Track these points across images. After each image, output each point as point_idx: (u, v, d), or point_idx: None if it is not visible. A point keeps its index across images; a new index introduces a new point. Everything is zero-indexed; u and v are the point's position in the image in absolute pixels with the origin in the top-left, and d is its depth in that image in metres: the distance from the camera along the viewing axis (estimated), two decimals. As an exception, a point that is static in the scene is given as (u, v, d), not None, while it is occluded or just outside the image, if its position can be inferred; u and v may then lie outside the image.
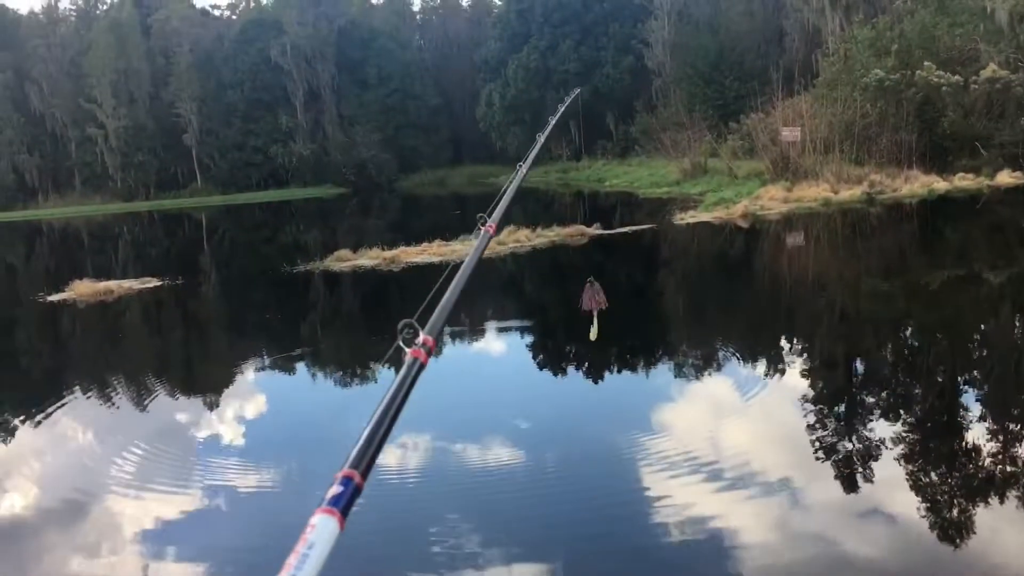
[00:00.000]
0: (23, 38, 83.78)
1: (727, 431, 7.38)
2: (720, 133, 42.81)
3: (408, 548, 5.60)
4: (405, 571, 5.29)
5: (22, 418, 9.80)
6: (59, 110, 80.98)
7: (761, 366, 9.60)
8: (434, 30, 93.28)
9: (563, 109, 6.71)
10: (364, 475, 1.20)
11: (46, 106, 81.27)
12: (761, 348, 10.53)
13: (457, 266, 2.13)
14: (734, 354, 10.33)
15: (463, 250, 20.12)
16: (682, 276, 17.64)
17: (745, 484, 5.99)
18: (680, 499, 5.82)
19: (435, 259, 19.66)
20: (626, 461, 6.75)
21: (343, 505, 1.12)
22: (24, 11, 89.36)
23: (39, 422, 9.49)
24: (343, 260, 20.48)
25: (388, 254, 20.24)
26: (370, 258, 20.33)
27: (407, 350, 1.58)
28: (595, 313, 5.31)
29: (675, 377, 9.43)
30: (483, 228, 2.55)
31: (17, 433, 9.21)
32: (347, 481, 1.16)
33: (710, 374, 9.42)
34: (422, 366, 1.55)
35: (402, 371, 1.49)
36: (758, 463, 6.38)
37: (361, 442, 1.27)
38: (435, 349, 1.61)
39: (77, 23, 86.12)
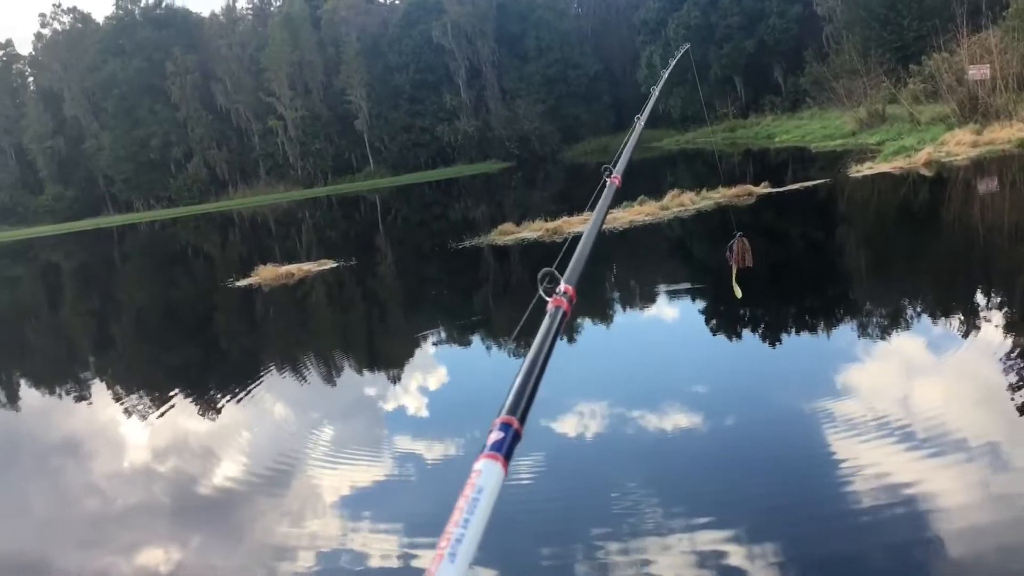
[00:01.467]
0: (207, 39, 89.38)
1: (919, 392, 6.94)
2: (899, 77, 40.13)
3: (589, 512, 5.62)
4: (588, 533, 5.30)
5: (227, 396, 10.52)
6: (242, 105, 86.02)
7: (955, 323, 8.93)
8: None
9: (673, 64, 6.47)
10: (522, 421, 1.20)
11: (231, 102, 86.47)
12: (955, 304, 9.81)
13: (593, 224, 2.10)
14: (924, 311, 9.70)
15: (625, 216, 19.96)
16: (861, 231, 16.72)
17: (941, 448, 5.61)
18: (869, 463, 5.52)
19: (599, 227, 19.56)
20: (810, 425, 6.47)
21: (505, 450, 1.12)
22: (206, 14, 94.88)
23: (240, 399, 10.17)
24: (507, 233, 20.73)
25: (550, 225, 20.31)
26: (532, 230, 20.47)
27: (549, 300, 1.56)
28: (733, 270, 5.05)
29: (859, 337, 8.94)
30: (608, 180, 2.48)
31: (223, 410, 9.89)
32: (506, 427, 1.17)
33: (898, 333, 8.87)
34: (565, 315, 1.53)
35: (545, 321, 1.48)
36: (955, 425, 5.96)
37: (515, 390, 1.26)
38: (576, 298, 1.58)
39: (254, 21, 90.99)
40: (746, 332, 10.28)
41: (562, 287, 1.60)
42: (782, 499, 5.41)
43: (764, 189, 21.63)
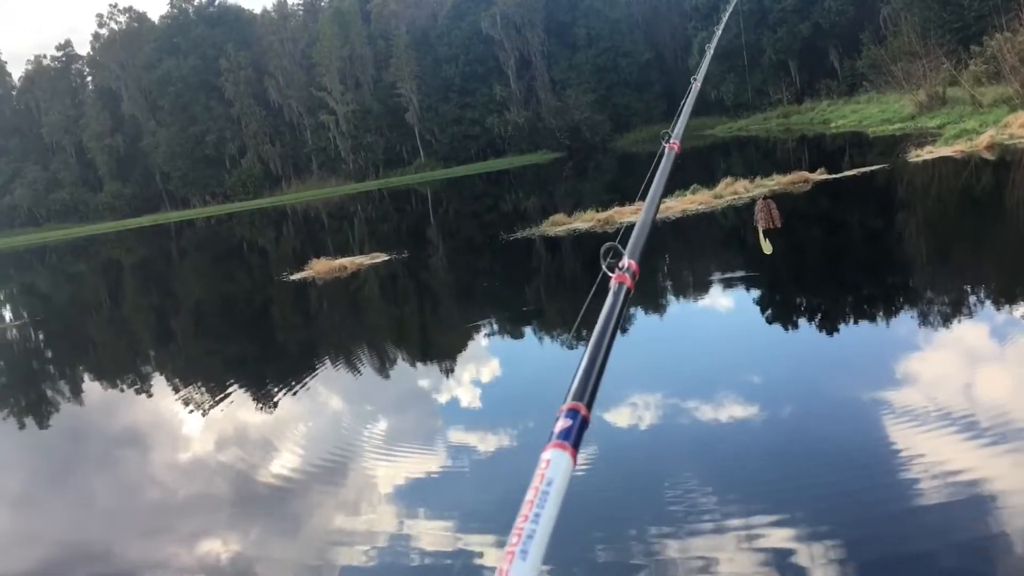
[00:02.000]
0: (259, 36, 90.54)
1: (983, 381, 6.75)
2: (959, 59, 39.08)
3: (644, 502, 5.58)
4: (640, 525, 5.25)
5: (283, 389, 10.65)
6: (294, 100, 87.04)
7: (1020, 311, 8.68)
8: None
9: (730, 9, 6.35)
10: (589, 406, 1.14)
11: (283, 97, 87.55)
12: (1019, 291, 9.52)
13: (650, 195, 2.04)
14: (988, 299, 9.42)
15: (677, 206, 19.74)
16: (922, 217, 16.32)
17: (1006, 438, 5.44)
18: (932, 455, 5.38)
19: (652, 217, 19.40)
20: (869, 415, 6.33)
21: (573, 438, 1.07)
22: (258, 10, 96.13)
23: (296, 392, 10.30)
24: (558, 224, 20.66)
25: (602, 215, 20.19)
26: (584, 220, 20.37)
27: (612, 276, 1.51)
28: (759, 230, 4.94)
29: (920, 326, 8.72)
30: (667, 145, 2.42)
31: (279, 402, 10.01)
32: (573, 413, 1.11)
33: (961, 321, 8.63)
34: (629, 291, 1.47)
35: (609, 298, 1.42)
36: (1020, 415, 5.79)
37: (580, 373, 1.20)
38: (639, 273, 1.54)
39: (305, 16, 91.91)
40: (803, 321, 10.11)
41: (625, 262, 1.54)
42: (841, 492, 5.30)
43: (820, 176, 21.23)
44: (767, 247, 4.87)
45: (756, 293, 12.01)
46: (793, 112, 58.10)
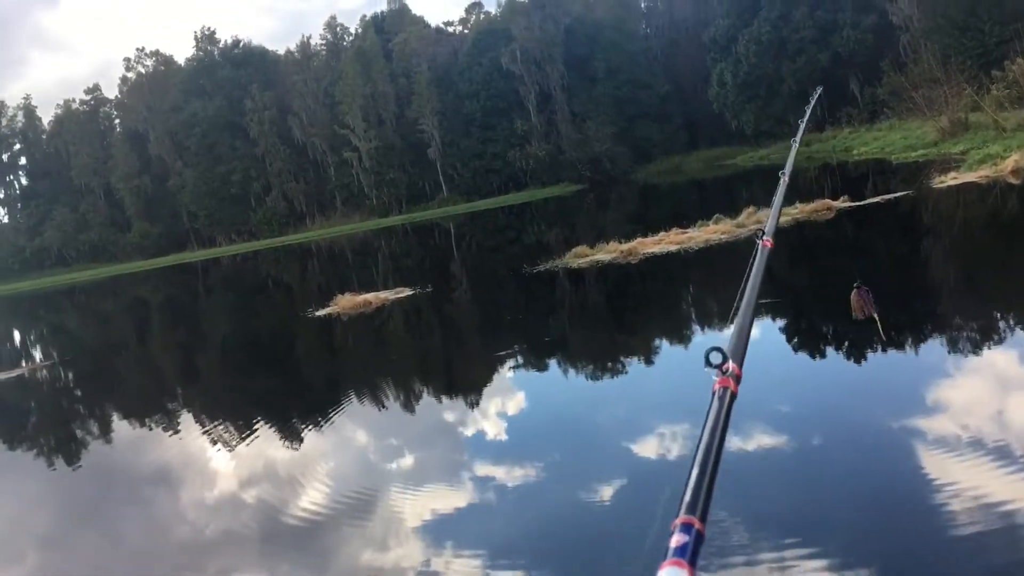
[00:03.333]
0: (283, 76, 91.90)
1: (1015, 407, 6.66)
2: (981, 84, 38.96)
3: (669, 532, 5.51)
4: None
5: (309, 424, 10.69)
6: (318, 138, 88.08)
7: (1051, 336, 8.57)
8: (659, 16, 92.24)
9: (809, 110, 6.38)
10: (703, 519, 1.11)
11: (307, 135, 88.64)
12: (1050, 316, 9.41)
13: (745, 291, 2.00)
14: (1018, 324, 9.32)
15: (701, 236, 19.76)
16: (948, 243, 16.19)
17: (1042, 467, 5.36)
18: (965, 483, 5.29)
19: (673, 248, 19.40)
20: (899, 444, 6.25)
21: (690, 555, 1.03)
22: (282, 51, 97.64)
23: (322, 427, 10.33)
24: (581, 256, 20.67)
25: (625, 247, 20.18)
26: (607, 252, 20.37)
27: (716, 380, 1.48)
28: (875, 316, 4.74)
29: (949, 353, 8.63)
30: (760, 243, 2.39)
31: (306, 438, 10.04)
32: (688, 528, 1.07)
33: (990, 348, 8.52)
34: (734, 396, 1.45)
35: (714, 404, 1.39)
36: (1056, 443, 5.69)
37: (692, 485, 1.17)
38: (741, 376, 1.51)
39: (327, 56, 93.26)
40: (830, 349, 10.03)
41: (729, 366, 1.51)
42: (874, 522, 5.22)
43: (844, 203, 21.14)
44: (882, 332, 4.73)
45: (781, 321, 11.94)
46: (814, 140, 58.01)
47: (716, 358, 1.52)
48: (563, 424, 8.92)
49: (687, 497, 1.14)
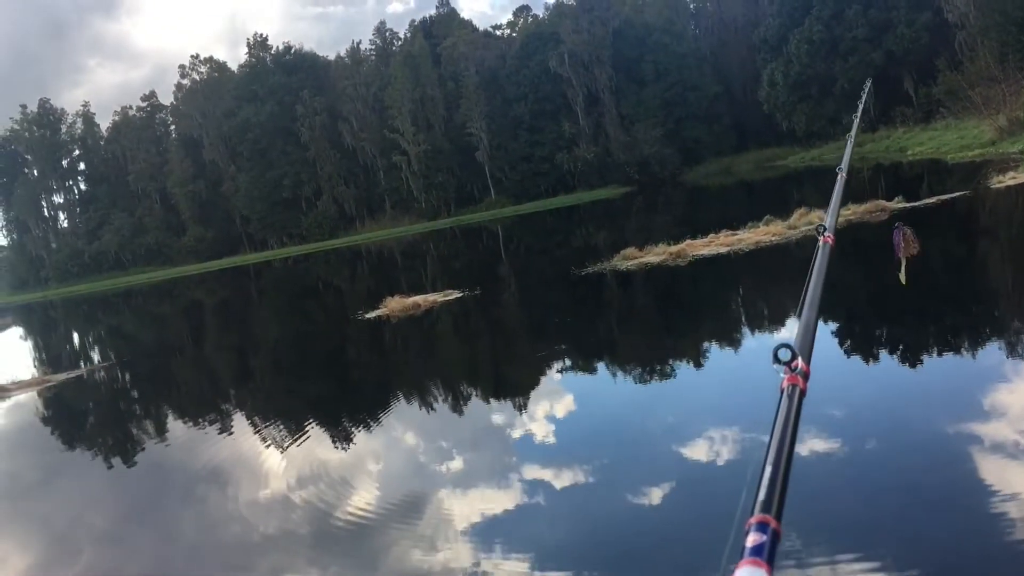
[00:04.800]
0: (333, 81, 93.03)
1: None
2: (1041, 82, 38.03)
3: (722, 539, 5.46)
4: (722, 562, 5.15)
5: (359, 426, 10.80)
6: (368, 142, 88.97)
7: (1116, 339, 8.31)
8: (708, 16, 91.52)
9: (861, 104, 6.26)
10: (778, 518, 1.11)
11: (357, 140, 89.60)
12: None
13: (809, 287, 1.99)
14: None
15: (751, 238, 19.55)
16: (1007, 245, 15.81)
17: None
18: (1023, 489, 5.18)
19: (723, 249, 19.24)
20: (956, 450, 6.12)
21: (767, 554, 1.04)
22: (332, 56, 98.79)
23: (372, 429, 10.43)
24: (630, 258, 20.58)
25: (674, 249, 20.05)
26: (656, 254, 20.26)
27: (784, 377, 1.47)
28: (902, 262, 4.72)
29: (1008, 357, 8.43)
30: (821, 239, 2.37)
31: (356, 439, 10.15)
32: (764, 527, 1.08)
33: (1051, 351, 8.32)
34: (803, 394, 1.44)
35: (784, 403, 1.38)
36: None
37: (766, 484, 1.18)
38: (810, 373, 1.49)
39: (377, 61, 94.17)
40: (883, 353, 9.85)
41: (799, 363, 1.50)
42: (929, 529, 5.12)
43: (898, 204, 20.77)
44: (903, 278, 4.70)
45: (833, 325, 11.76)
46: (867, 140, 57.06)
47: (785, 355, 1.50)
48: (613, 427, 8.89)
49: (762, 495, 1.13)
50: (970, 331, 9.90)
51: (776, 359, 1.51)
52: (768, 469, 1.17)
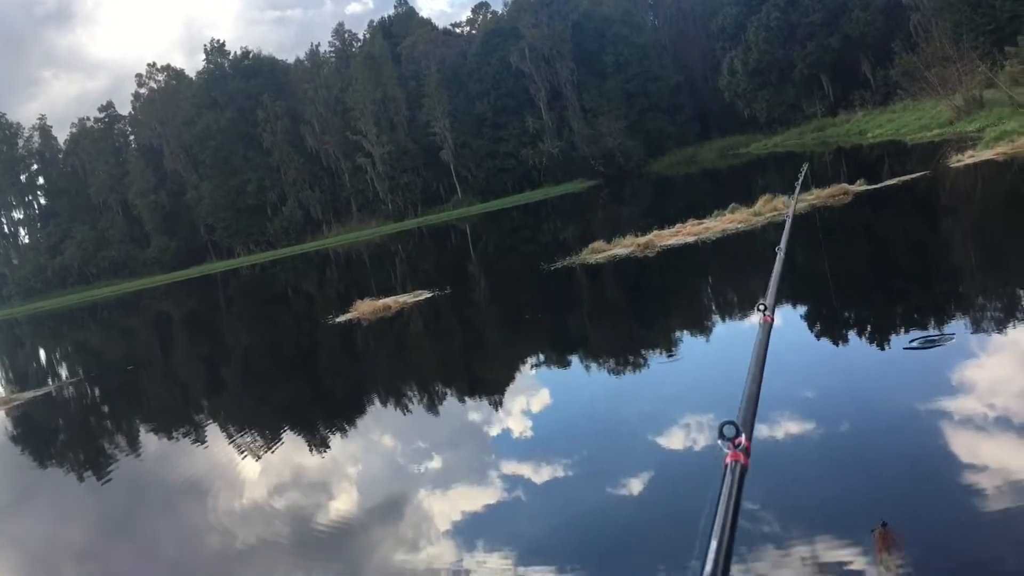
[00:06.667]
0: (293, 84, 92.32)
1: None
2: (994, 61, 38.62)
3: (698, 525, 5.50)
4: (699, 546, 5.18)
5: (334, 430, 10.75)
6: (331, 145, 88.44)
7: (1077, 311, 8.47)
8: (667, 7, 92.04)
9: (799, 186, 6.36)
10: None
11: (320, 143, 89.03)
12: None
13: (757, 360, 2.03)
14: (1041, 301, 9.22)
15: (717, 226, 19.68)
16: (968, 223, 16.05)
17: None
18: (994, 462, 5.26)
19: (690, 239, 19.37)
20: (927, 427, 6.20)
21: None
22: (291, 60, 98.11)
23: (347, 432, 10.40)
24: (598, 251, 20.65)
25: (642, 240, 20.15)
26: (624, 246, 20.35)
27: (728, 453, 1.49)
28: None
29: (973, 333, 8.54)
30: (763, 317, 2.38)
31: (332, 444, 10.11)
32: None
33: (1015, 327, 8.46)
34: (744, 470, 1.45)
35: (727, 478, 1.40)
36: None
37: (711, 557, 1.22)
38: (750, 448, 1.51)
39: (337, 63, 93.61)
40: (852, 335, 9.96)
41: (742, 440, 1.52)
42: (904, 504, 5.19)
43: (860, 187, 21.02)
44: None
45: (801, 309, 11.88)
46: (828, 125, 57.71)
47: (730, 431, 1.53)
48: (588, 419, 8.92)
49: (708, 568, 1.19)
50: (936, 310, 10.02)
51: (721, 435, 1.54)
52: (713, 543, 1.20)
